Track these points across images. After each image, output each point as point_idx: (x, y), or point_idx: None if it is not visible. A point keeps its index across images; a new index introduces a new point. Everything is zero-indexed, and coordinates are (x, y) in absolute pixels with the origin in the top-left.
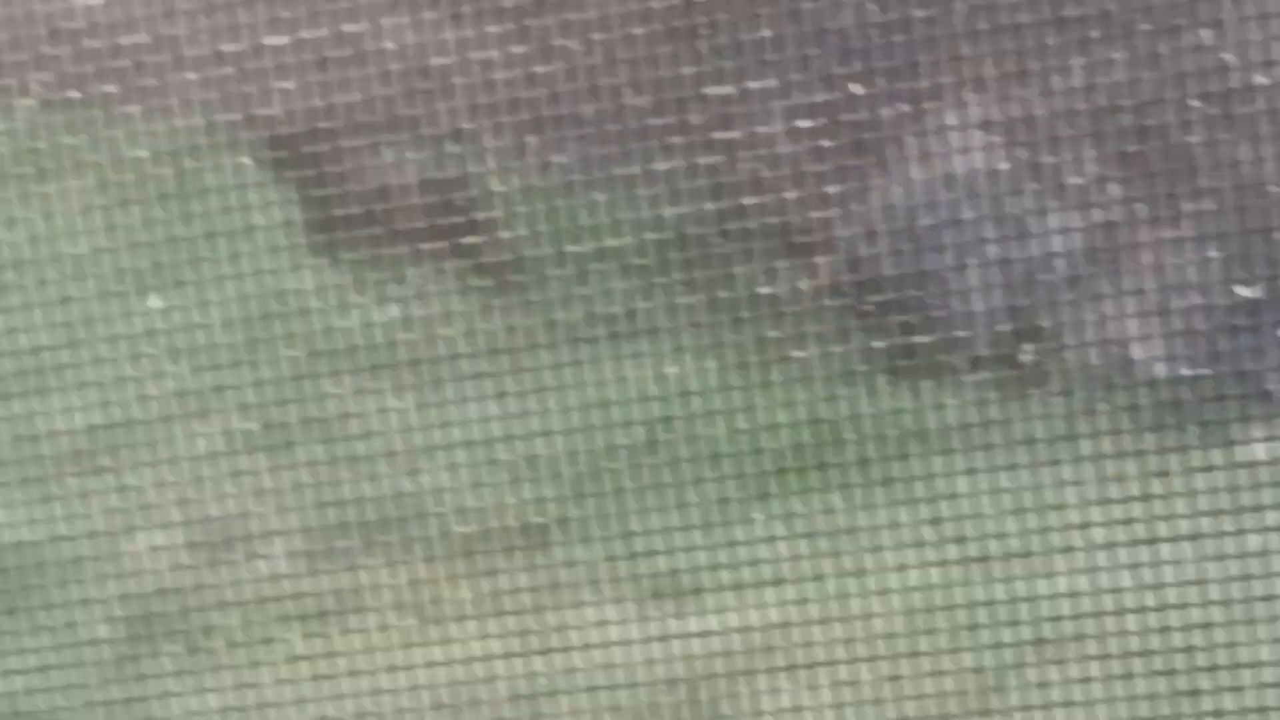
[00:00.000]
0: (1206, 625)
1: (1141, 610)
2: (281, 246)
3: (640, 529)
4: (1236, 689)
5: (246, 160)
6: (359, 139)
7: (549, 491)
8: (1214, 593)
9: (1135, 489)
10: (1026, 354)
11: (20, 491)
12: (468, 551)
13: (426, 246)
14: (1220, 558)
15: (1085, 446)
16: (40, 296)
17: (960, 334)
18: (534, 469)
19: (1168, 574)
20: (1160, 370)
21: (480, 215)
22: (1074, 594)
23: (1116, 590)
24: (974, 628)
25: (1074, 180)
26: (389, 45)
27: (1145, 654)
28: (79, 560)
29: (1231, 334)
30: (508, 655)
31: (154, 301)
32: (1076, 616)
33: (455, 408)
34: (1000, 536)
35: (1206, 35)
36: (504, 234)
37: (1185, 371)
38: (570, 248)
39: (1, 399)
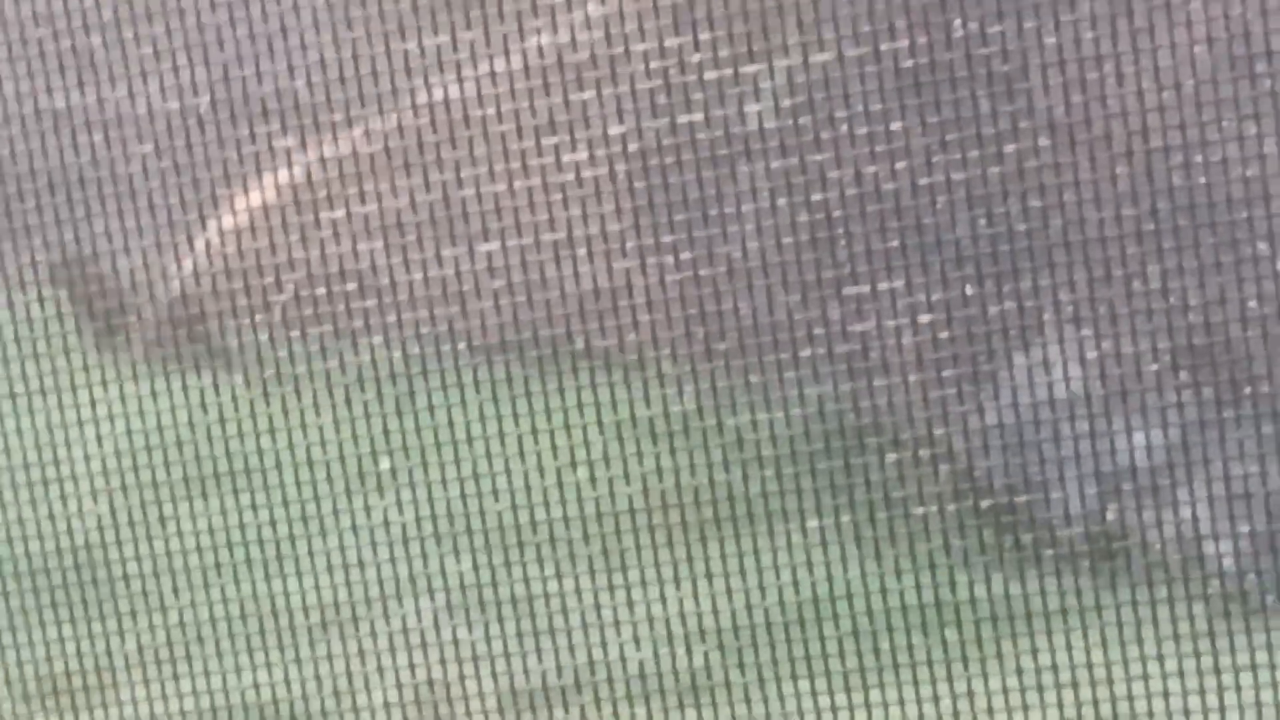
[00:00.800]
0: None
1: None
2: (483, 456)
3: (774, 694)
4: None
5: (462, 346)
6: (558, 328)
7: (706, 659)
8: None
9: (1206, 664)
10: (1111, 538)
11: (265, 655)
12: (642, 711)
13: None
14: None
15: (1159, 628)
16: (280, 497)
17: (1055, 495)
18: (696, 640)
19: None
20: (1228, 564)
21: (654, 394)
22: None
23: None
24: None
25: (1150, 367)
26: (580, 251)
27: None
28: (313, 714)
29: None
30: None
31: (386, 484)
32: None
33: (621, 590)
34: (1080, 704)
35: (1263, 247)
36: (674, 408)
37: (1250, 565)
38: (729, 420)
39: (247, 580)
